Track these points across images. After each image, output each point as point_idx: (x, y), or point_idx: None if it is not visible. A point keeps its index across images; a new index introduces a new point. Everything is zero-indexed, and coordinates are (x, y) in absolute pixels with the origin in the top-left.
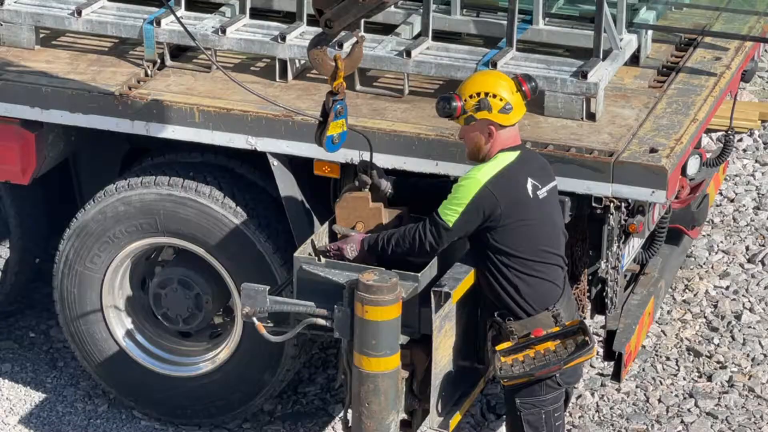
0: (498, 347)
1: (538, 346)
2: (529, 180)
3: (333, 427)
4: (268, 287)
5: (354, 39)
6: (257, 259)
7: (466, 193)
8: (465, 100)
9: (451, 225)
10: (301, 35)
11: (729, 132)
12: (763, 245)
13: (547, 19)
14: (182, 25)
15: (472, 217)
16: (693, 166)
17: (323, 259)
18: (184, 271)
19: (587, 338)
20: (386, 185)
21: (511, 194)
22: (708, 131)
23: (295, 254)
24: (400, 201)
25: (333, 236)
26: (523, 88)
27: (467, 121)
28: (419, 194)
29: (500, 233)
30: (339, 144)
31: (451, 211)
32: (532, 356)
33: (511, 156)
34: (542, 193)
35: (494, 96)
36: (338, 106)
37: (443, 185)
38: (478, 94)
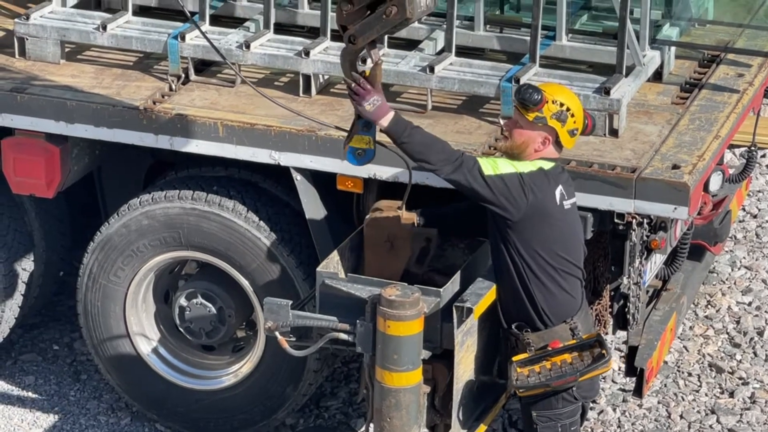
0: (514, 358)
1: (554, 358)
2: (559, 187)
3: None
4: (290, 302)
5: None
6: (280, 274)
7: (505, 168)
8: (548, 101)
9: (484, 171)
10: (325, 50)
11: (752, 148)
12: None
13: (570, 35)
14: (208, 39)
15: (499, 185)
16: (715, 183)
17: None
18: (207, 285)
19: (604, 351)
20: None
21: (541, 192)
22: (731, 147)
23: (318, 269)
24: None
25: (356, 254)
26: (586, 122)
27: (536, 120)
28: (446, 221)
29: (522, 227)
30: (363, 159)
31: (491, 166)
32: (548, 368)
33: (548, 163)
34: (567, 204)
35: (572, 115)
36: (364, 121)
37: (469, 208)
38: (562, 105)
